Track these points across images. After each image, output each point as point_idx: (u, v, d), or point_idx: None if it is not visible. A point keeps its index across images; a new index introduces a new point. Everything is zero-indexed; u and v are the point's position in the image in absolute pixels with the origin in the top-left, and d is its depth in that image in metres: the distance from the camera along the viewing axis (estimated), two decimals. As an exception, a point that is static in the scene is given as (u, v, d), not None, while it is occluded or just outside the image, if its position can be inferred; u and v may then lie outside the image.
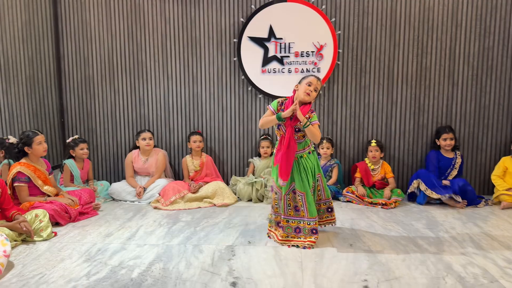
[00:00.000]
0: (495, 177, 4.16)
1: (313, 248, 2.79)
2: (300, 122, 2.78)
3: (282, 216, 2.95)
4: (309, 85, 2.82)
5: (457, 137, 4.32)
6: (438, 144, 4.25)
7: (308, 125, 2.77)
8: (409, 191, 4.13)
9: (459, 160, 4.20)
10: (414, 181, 4.08)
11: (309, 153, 2.94)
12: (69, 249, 2.81)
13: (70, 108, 4.66)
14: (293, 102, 2.84)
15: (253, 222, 3.41)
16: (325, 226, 3.16)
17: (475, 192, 4.01)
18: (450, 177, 4.16)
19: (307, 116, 2.80)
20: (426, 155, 4.38)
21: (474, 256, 2.65)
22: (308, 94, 2.81)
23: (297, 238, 2.87)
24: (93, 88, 4.62)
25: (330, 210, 3.11)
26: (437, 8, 4.26)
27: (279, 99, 2.94)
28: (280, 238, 2.89)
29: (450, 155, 4.23)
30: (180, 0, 4.43)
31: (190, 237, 3.04)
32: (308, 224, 2.86)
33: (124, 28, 4.51)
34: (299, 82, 2.90)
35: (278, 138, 2.93)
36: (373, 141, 4.25)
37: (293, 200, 2.93)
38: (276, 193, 2.99)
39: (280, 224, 2.97)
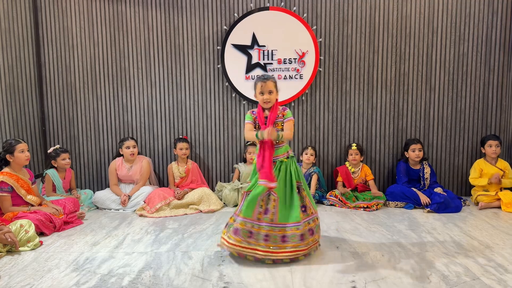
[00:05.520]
0: (473, 179, 4.31)
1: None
2: (278, 131, 2.76)
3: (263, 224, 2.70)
4: (262, 94, 2.78)
5: (432, 143, 4.46)
6: (407, 156, 4.36)
7: (281, 137, 2.74)
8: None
9: (427, 170, 4.32)
10: (392, 203, 4.15)
11: (287, 157, 2.84)
12: (56, 258, 2.78)
13: (51, 116, 4.60)
14: (262, 109, 2.84)
15: (240, 227, 3.43)
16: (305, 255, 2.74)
17: (457, 202, 3.98)
18: (426, 187, 4.27)
19: (279, 113, 2.81)
20: (396, 165, 4.49)
21: (456, 255, 2.75)
22: (268, 102, 2.78)
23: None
24: (75, 96, 4.57)
25: (312, 232, 2.73)
26: (414, 16, 4.41)
27: (249, 112, 2.90)
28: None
29: (417, 166, 4.35)
30: (163, 8, 4.45)
31: (178, 244, 3.04)
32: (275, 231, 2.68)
33: (107, 35, 4.50)
34: (254, 91, 2.87)
35: (257, 143, 2.85)
36: (354, 144, 4.36)
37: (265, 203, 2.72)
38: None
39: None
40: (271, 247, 2.62)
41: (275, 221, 2.67)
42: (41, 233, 3.26)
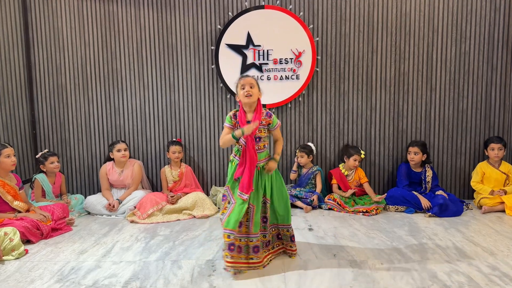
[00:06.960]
0: (475, 183, 4.17)
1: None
2: (264, 128, 2.69)
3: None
4: (243, 88, 2.66)
5: (428, 152, 4.24)
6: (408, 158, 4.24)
7: (276, 124, 2.71)
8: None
9: (429, 173, 4.15)
10: (392, 207, 4.02)
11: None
12: (40, 268, 2.66)
13: (42, 119, 4.48)
14: (244, 111, 2.70)
15: (234, 233, 3.30)
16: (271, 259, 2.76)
17: (458, 205, 3.86)
18: (427, 191, 4.13)
19: (263, 120, 2.68)
20: (397, 168, 4.36)
21: (458, 263, 2.63)
22: (249, 95, 2.64)
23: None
24: (66, 98, 4.46)
25: (280, 237, 2.82)
26: (414, 14, 4.28)
27: (231, 113, 2.75)
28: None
29: (418, 169, 4.21)
30: (155, 7, 4.34)
31: (168, 252, 2.92)
32: (251, 241, 2.64)
33: (98, 35, 4.38)
34: (236, 92, 2.76)
35: (238, 148, 2.72)
36: (363, 152, 4.24)
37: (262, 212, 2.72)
38: (229, 202, 2.71)
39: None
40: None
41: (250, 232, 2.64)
42: (27, 241, 3.14)
